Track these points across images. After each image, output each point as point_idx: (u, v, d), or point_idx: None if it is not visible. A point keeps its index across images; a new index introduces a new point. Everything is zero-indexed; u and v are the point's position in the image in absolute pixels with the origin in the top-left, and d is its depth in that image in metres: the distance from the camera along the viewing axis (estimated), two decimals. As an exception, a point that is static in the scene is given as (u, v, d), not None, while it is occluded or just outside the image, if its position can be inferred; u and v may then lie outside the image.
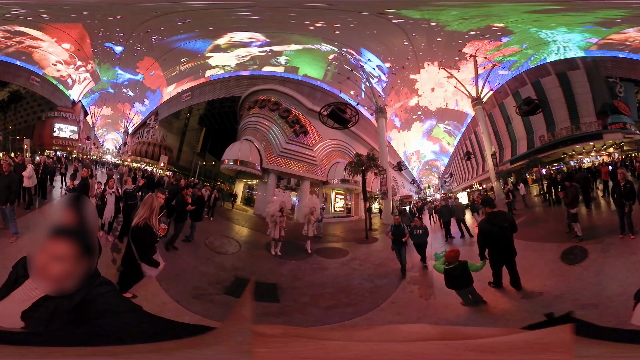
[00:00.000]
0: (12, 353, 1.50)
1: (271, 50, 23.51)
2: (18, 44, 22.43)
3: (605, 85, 20.97)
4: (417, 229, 14.45)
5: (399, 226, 14.57)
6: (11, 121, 25.22)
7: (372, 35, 20.32)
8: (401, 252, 14.10)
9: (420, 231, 14.40)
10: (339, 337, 1.80)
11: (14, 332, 2.04)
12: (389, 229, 14.91)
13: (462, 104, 25.73)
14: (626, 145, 20.34)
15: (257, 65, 25.03)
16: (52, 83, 25.76)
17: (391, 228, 14.72)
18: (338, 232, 20.65)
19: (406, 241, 14.19)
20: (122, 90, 27.85)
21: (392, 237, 14.43)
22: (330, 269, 14.74)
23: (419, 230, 14.41)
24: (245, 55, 24.38)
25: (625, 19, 17.53)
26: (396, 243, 14.33)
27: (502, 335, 1.65)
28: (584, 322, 1.74)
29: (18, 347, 1.57)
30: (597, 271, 10.10)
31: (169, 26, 20.58)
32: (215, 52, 24.30)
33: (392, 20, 18.50)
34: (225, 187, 25.46)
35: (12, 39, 21.94)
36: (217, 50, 24.04)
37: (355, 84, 23.75)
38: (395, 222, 14.73)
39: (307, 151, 23.90)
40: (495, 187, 21.82)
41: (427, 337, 1.77)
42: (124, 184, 13.63)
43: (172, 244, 13.11)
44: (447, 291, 10.03)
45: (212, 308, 9.69)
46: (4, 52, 22.59)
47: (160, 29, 20.96)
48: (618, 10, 16.86)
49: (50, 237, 2.20)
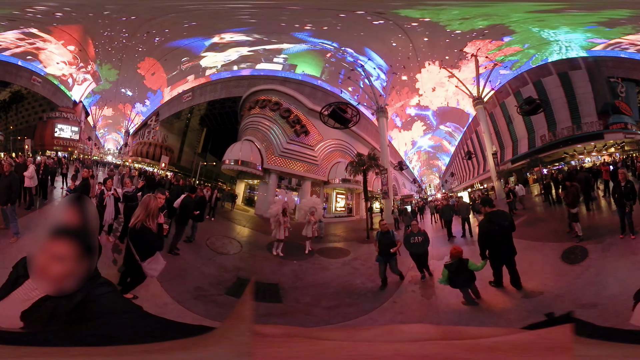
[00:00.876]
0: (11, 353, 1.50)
1: (272, 50, 23.52)
2: (20, 44, 22.46)
3: (606, 85, 21.00)
4: (415, 236, 12.30)
5: (388, 233, 12.29)
6: (12, 121, 25.26)
7: (373, 34, 20.34)
8: (391, 264, 11.97)
9: (419, 238, 12.24)
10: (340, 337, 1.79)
11: (14, 332, 2.04)
12: (375, 236, 12.63)
13: (463, 103, 25.73)
14: (627, 145, 20.34)
15: (259, 65, 25.05)
16: (54, 83, 25.81)
17: (377, 235, 12.41)
18: (339, 232, 20.64)
19: (396, 252, 11.98)
20: (123, 91, 27.89)
21: (378, 248, 12.08)
22: (332, 268, 14.72)
23: (417, 238, 12.25)
24: (246, 55, 24.40)
25: (629, 19, 17.51)
26: (383, 254, 11.99)
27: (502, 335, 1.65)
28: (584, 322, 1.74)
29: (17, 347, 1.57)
30: (598, 271, 10.10)
31: (171, 27, 20.65)
32: (216, 52, 24.32)
33: (392, 19, 18.50)
34: (226, 187, 25.46)
35: (15, 40, 21.98)
36: (218, 50, 24.06)
37: (356, 84, 23.76)
38: (383, 228, 12.45)
39: (308, 151, 23.92)
40: (496, 187, 21.81)
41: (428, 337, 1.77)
42: (124, 186, 13.60)
43: (175, 246, 13.14)
44: (448, 291, 10.06)
45: (214, 309, 9.70)
46: (6, 52, 22.63)
47: (165, 30, 21.04)
48: (623, 10, 16.85)
49: (50, 237, 2.21)
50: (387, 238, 12.09)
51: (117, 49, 23.08)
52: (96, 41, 22.79)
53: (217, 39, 22.67)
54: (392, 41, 20.82)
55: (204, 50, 24.23)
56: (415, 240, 12.30)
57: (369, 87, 23.59)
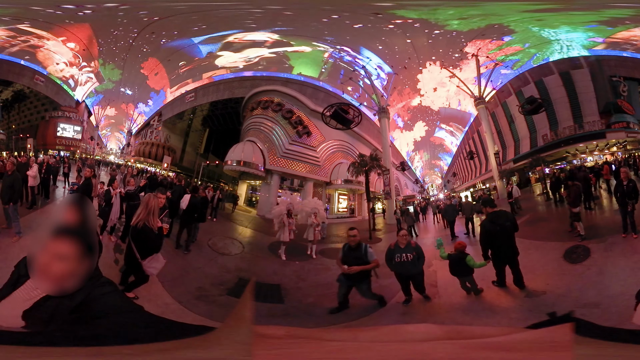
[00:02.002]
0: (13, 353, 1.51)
1: (273, 51, 23.52)
2: (23, 43, 22.49)
3: (608, 84, 20.95)
4: (402, 253, 9.51)
5: (358, 249, 9.41)
6: (15, 120, 25.26)
7: (373, 35, 20.32)
8: (360, 289, 9.49)
9: (409, 256, 9.46)
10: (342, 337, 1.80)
11: (15, 332, 2.05)
12: (341, 250, 9.81)
13: (464, 103, 25.71)
14: (629, 144, 20.29)
15: (261, 65, 25.06)
16: (56, 83, 25.80)
17: (344, 249, 9.72)
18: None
19: (368, 274, 9.43)
20: (126, 91, 27.90)
21: (344, 268, 9.24)
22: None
23: (407, 255, 9.46)
24: (248, 56, 24.41)
25: (632, 18, 17.47)
26: (350, 278, 9.31)
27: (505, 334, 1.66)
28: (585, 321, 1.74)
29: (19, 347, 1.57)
30: (600, 270, 10.07)
31: (174, 28, 20.65)
32: (218, 52, 24.32)
33: (392, 20, 18.50)
34: (228, 187, 25.44)
35: (17, 38, 22.01)
36: (220, 50, 24.07)
37: (357, 85, 23.76)
38: (351, 241, 9.54)
39: (310, 152, 23.94)
40: (499, 186, 21.79)
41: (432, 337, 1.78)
42: (127, 185, 13.65)
43: (189, 246, 13.36)
44: (452, 291, 10.07)
45: (215, 309, 9.67)
46: (9, 51, 22.66)
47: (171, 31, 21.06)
48: (624, 9, 16.82)
49: (52, 236, 2.21)
50: (356, 256, 9.26)
51: (121, 48, 23.11)
52: (100, 40, 22.81)
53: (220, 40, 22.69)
54: (393, 41, 20.81)
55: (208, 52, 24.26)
56: (403, 259, 9.48)
57: (371, 88, 23.59)
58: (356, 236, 9.54)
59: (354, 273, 9.11)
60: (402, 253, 9.50)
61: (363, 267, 9.12)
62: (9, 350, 1.51)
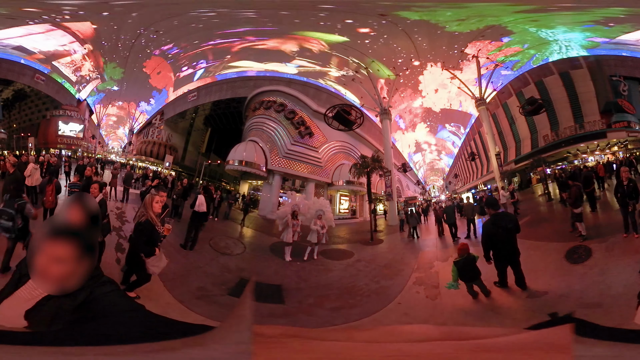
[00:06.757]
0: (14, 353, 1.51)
1: (276, 51, 23.52)
2: (25, 42, 22.51)
3: (608, 83, 20.92)
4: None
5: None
6: (16, 119, 25.31)
7: (375, 36, 20.33)
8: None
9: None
10: (342, 337, 1.79)
11: (17, 332, 2.05)
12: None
13: (465, 104, 25.70)
14: (630, 143, 20.26)
15: (262, 66, 25.09)
16: (57, 81, 25.84)
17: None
18: (343, 234, 20.60)
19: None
20: (127, 90, 27.93)
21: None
22: (335, 270, 14.64)
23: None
24: (250, 56, 24.43)
25: (626, 18, 17.46)
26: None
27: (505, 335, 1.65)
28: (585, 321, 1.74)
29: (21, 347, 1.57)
30: (601, 270, 10.04)
31: (177, 27, 20.67)
32: (220, 52, 24.34)
33: (393, 21, 18.52)
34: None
35: (19, 37, 22.02)
36: (222, 50, 24.08)
37: (359, 86, 23.76)
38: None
39: (312, 153, 23.98)
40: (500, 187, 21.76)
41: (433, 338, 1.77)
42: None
43: (194, 245, 13.50)
44: (453, 292, 10.03)
45: (216, 309, 9.68)
46: (9, 49, 22.67)
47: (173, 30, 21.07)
48: (617, 8, 16.81)
49: (49, 238, 2.21)
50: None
51: (123, 47, 23.13)
52: (103, 39, 22.84)
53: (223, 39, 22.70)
54: (394, 43, 20.82)
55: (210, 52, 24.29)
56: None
57: (373, 89, 23.58)
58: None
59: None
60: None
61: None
62: (11, 350, 1.51)
